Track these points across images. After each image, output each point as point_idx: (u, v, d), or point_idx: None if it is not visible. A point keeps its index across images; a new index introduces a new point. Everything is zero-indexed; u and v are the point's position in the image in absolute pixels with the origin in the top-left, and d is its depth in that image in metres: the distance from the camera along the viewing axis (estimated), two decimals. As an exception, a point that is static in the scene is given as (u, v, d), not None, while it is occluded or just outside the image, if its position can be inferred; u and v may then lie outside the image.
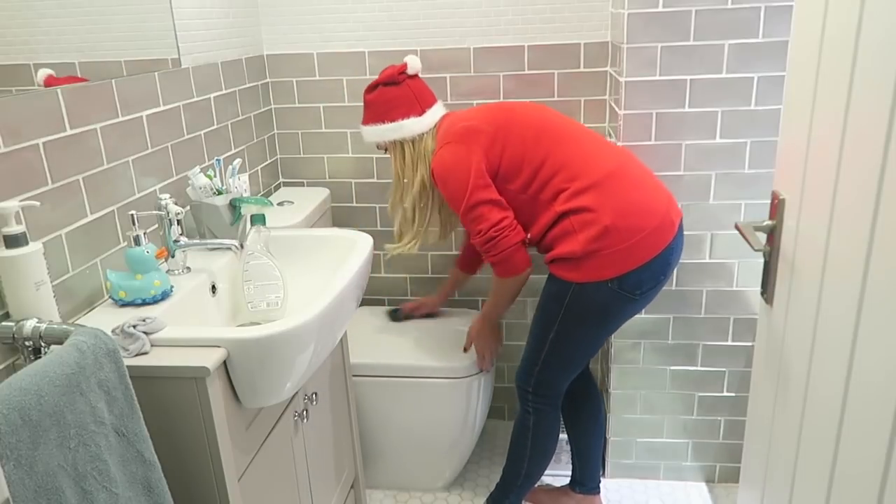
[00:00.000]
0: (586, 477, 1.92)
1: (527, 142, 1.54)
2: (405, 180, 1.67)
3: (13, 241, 1.02)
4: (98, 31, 1.35)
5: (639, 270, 1.48)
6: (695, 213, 1.79)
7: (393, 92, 1.62)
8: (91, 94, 1.28)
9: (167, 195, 1.38)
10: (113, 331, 1.06)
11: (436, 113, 1.65)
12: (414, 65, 1.63)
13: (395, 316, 2.13)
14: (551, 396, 1.69)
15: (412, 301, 2.16)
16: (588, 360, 1.68)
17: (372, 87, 1.64)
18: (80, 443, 0.86)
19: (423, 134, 1.63)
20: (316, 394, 1.49)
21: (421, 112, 1.62)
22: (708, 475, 2.07)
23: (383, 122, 1.62)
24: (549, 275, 1.60)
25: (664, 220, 1.49)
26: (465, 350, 1.89)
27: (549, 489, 2.02)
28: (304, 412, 1.42)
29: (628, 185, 1.51)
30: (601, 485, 1.94)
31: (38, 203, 1.08)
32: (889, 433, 0.74)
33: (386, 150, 1.69)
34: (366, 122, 1.66)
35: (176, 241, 1.37)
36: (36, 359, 0.98)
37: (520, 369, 1.71)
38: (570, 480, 1.96)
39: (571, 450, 1.92)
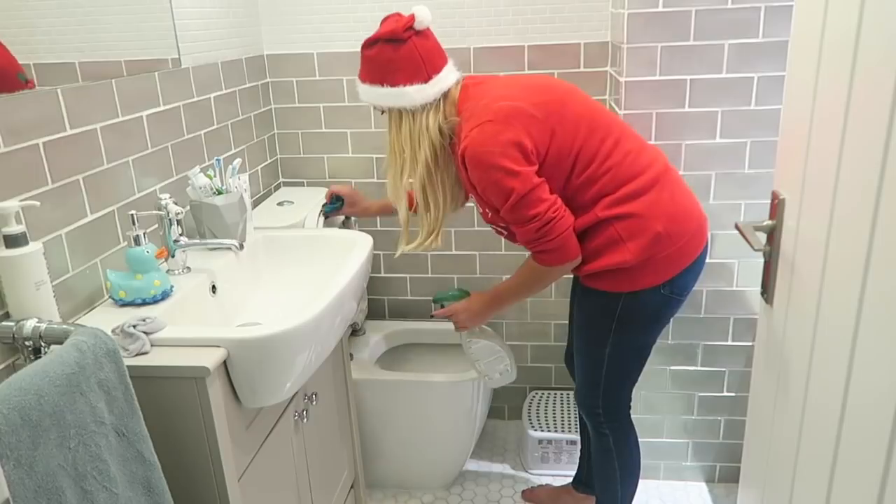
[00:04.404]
0: (592, 478, 1.91)
1: (579, 134, 1.38)
2: (403, 155, 1.45)
3: (13, 241, 1.02)
4: (98, 31, 1.35)
5: (686, 271, 1.45)
6: (695, 213, 1.78)
7: (395, 52, 1.36)
8: (91, 94, 1.28)
9: (167, 195, 1.38)
10: (113, 331, 1.06)
11: (445, 78, 1.41)
12: (423, 18, 1.37)
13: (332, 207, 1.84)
14: (622, 410, 1.63)
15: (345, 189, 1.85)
16: (646, 362, 1.59)
17: (371, 42, 1.38)
18: (80, 443, 0.86)
19: (425, 105, 1.40)
20: (316, 394, 1.49)
21: (427, 78, 1.38)
22: (708, 475, 2.07)
23: (381, 85, 1.38)
24: (587, 289, 1.51)
25: (701, 219, 1.48)
26: (433, 316, 1.71)
27: (550, 488, 2.02)
28: (304, 412, 1.42)
29: (674, 189, 1.44)
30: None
31: (38, 203, 1.08)
32: (889, 433, 0.74)
33: (383, 111, 1.46)
34: (363, 78, 1.42)
35: (176, 241, 1.37)
36: (36, 359, 0.98)
37: (582, 393, 1.63)
38: (574, 479, 1.96)
39: (581, 450, 1.91)
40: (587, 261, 1.45)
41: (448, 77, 1.42)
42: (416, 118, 1.41)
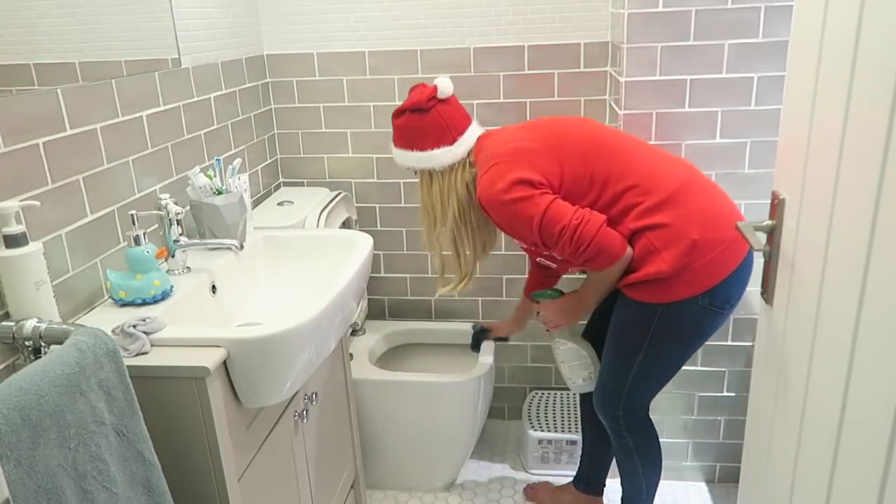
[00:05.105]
0: (593, 478, 1.90)
1: (588, 157, 1.43)
2: (434, 211, 1.57)
3: (13, 241, 1.02)
4: (98, 31, 1.35)
5: (728, 281, 1.42)
6: (695, 213, 1.78)
7: (421, 120, 1.49)
8: (91, 94, 1.28)
9: (167, 195, 1.38)
10: (113, 331, 1.06)
11: (469, 138, 1.52)
12: (445, 89, 1.49)
13: (478, 338, 2.02)
14: (641, 413, 1.63)
15: (489, 322, 2.05)
16: (675, 374, 1.57)
17: (399, 113, 1.52)
18: (80, 443, 0.86)
19: (454, 164, 1.51)
20: (316, 394, 1.49)
21: (452, 141, 1.50)
22: (708, 475, 2.07)
23: (412, 150, 1.52)
24: (623, 298, 1.49)
25: None
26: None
27: (551, 487, 2.02)
28: (304, 412, 1.42)
29: (703, 196, 1.44)
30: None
31: (38, 203, 1.08)
32: (889, 433, 0.74)
33: (416, 172, 1.58)
34: (396, 144, 1.56)
35: (176, 241, 1.37)
36: (36, 359, 0.98)
37: (601, 397, 1.61)
38: (575, 478, 1.95)
39: (583, 449, 1.91)
40: (624, 273, 1.45)
41: (472, 136, 1.54)
42: (445, 177, 1.53)
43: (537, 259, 1.61)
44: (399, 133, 1.54)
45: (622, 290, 1.48)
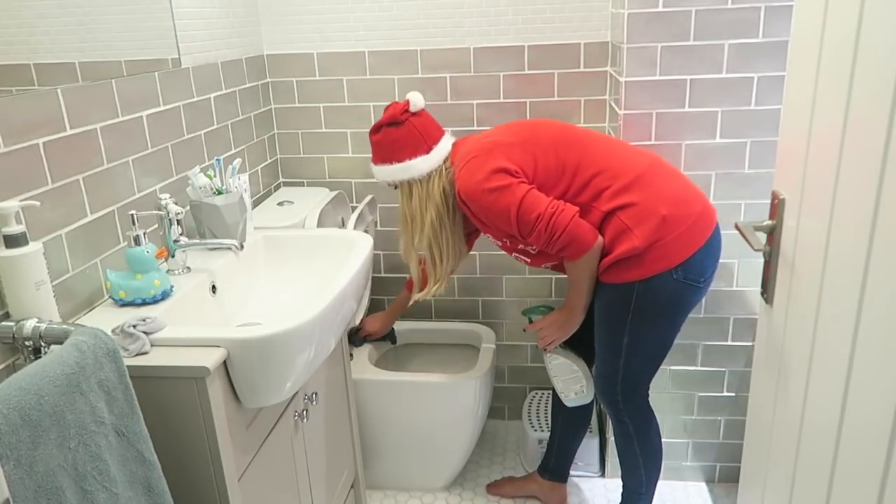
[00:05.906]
0: (560, 466, 1.94)
1: (558, 148, 1.52)
2: (414, 221, 1.62)
3: (13, 241, 1.02)
4: (98, 31, 1.35)
5: (699, 254, 1.48)
6: (695, 213, 1.78)
7: (397, 132, 1.56)
8: (91, 94, 1.28)
9: (167, 195, 1.38)
10: (113, 331, 1.06)
11: (443, 147, 1.60)
12: (417, 102, 1.57)
13: (354, 341, 2.01)
14: (641, 398, 1.68)
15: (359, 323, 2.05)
16: (666, 353, 1.62)
17: (376, 128, 1.59)
18: (80, 443, 0.86)
19: (431, 172, 1.58)
20: (316, 394, 1.49)
21: (428, 150, 1.57)
22: (708, 475, 2.07)
23: (391, 163, 1.58)
24: (601, 287, 1.55)
25: (706, 202, 1.53)
26: (526, 330, 1.77)
27: (514, 479, 2.05)
28: (304, 412, 1.42)
29: (668, 177, 1.52)
30: (596, 481, 1.94)
31: (38, 203, 1.08)
32: (889, 433, 0.74)
33: (397, 187, 1.64)
34: (375, 161, 1.62)
35: (176, 241, 1.37)
36: (36, 359, 0.98)
37: (600, 384, 1.67)
38: (540, 467, 1.98)
39: (551, 440, 1.93)
40: (600, 258, 1.51)
41: (447, 145, 1.61)
42: (424, 185, 1.59)
43: (513, 254, 1.66)
44: (377, 149, 1.61)
45: (599, 278, 1.54)
